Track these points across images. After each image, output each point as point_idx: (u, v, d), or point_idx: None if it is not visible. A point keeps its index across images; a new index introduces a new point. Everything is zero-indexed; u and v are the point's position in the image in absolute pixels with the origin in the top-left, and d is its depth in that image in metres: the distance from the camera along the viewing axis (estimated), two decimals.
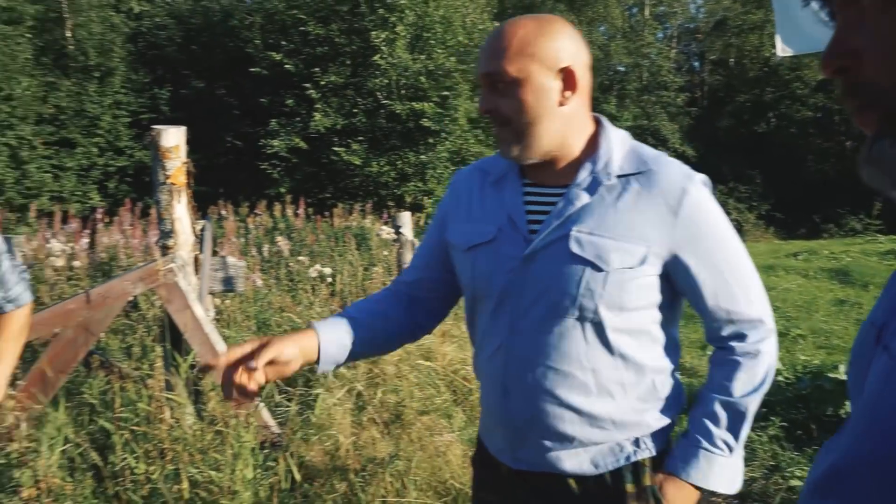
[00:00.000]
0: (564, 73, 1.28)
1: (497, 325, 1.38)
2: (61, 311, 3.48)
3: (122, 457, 3.03)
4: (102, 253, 6.85)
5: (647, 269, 1.29)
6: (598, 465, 1.37)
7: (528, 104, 1.28)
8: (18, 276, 1.84)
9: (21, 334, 1.92)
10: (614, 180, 1.30)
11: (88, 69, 17.56)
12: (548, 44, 1.27)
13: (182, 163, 3.50)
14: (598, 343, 1.31)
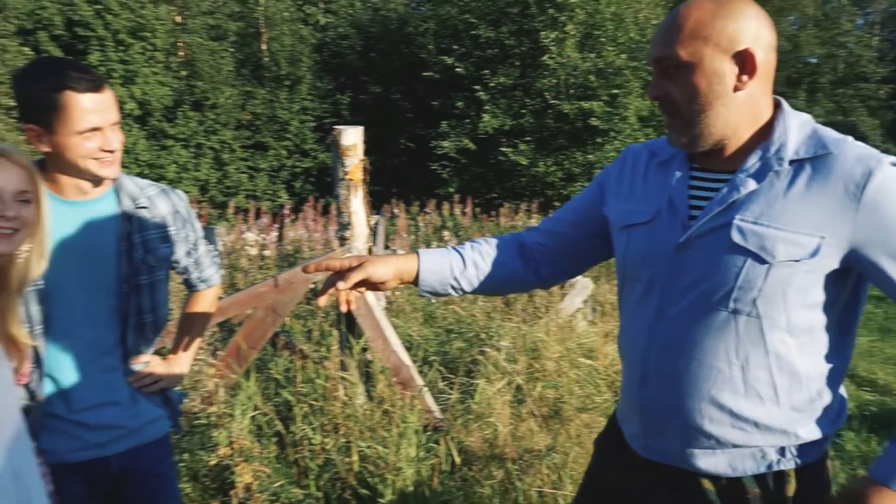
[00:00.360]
0: (742, 56, 1.19)
1: (644, 309, 1.32)
2: (253, 293, 3.87)
3: (301, 427, 3.33)
4: (289, 245, 7.49)
5: (819, 262, 1.17)
6: (736, 469, 1.28)
7: (699, 90, 1.21)
8: (211, 260, 2.04)
9: (209, 310, 2.12)
10: (786, 166, 1.20)
11: (280, 78, 19.15)
12: (724, 25, 1.18)
13: (359, 160, 3.76)
14: (752, 340, 1.21)
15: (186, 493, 3.22)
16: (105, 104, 1.60)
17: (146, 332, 1.80)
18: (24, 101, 1.60)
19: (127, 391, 1.76)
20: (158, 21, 17.04)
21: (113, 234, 1.70)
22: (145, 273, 1.75)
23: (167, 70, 17.66)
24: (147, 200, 1.79)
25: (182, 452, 3.30)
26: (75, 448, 1.69)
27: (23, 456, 1.49)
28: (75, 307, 1.67)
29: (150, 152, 16.62)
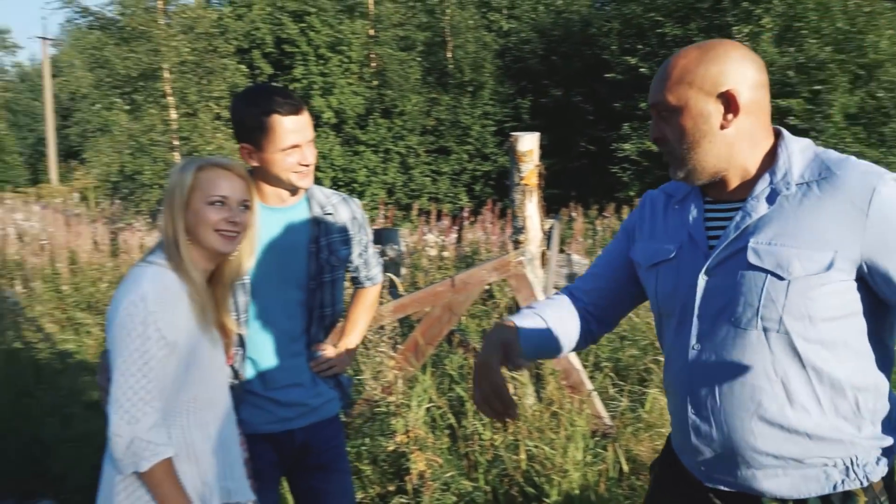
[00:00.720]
0: (726, 96, 1.29)
1: (681, 340, 1.38)
2: (431, 292, 4.08)
3: (472, 423, 3.47)
4: (467, 246, 7.73)
5: (836, 275, 1.22)
6: (801, 491, 1.29)
7: (687, 130, 1.32)
8: (377, 260, 2.25)
9: (372, 306, 2.33)
10: (794, 189, 1.28)
11: (463, 85, 19.74)
12: (707, 69, 1.29)
13: (534, 165, 3.84)
14: (787, 355, 1.26)
15: (367, 475, 3.47)
16: (303, 124, 1.84)
17: (326, 323, 2.03)
18: (238, 124, 1.87)
19: (309, 374, 2.00)
20: (354, 35, 18.28)
21: (304, 236, 1.94)
22: (328, 272, 1.98)
23: (360, 80, 18.88)
24: (332, 208, 2.01)
25: (364, 437, 3.58)
26: (268, 421, 1.94)
27: (229, 427, 1.74)
28: (271, 300, 1.92)
29: (344, 157, 17.87)
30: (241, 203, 1.67)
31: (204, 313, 1.65)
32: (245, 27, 17.51)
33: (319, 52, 17.92)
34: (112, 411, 1.51)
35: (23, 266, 7.36)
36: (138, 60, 11.34)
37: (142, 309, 1.53)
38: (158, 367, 1.54)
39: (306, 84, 17.73)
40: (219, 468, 1.66)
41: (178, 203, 1.62)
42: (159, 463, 1.52)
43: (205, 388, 1.66)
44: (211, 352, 1.69)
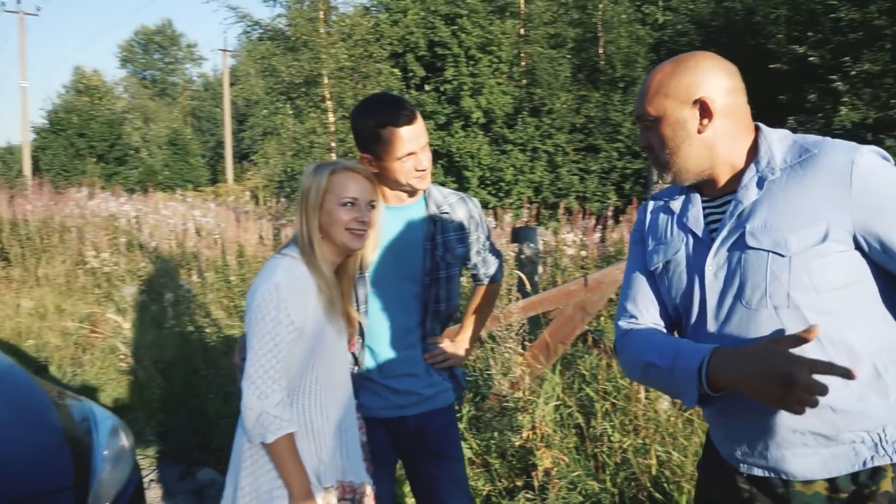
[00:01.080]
0: (699, 103, 1.40)
1: (702, 333, 1.43)
2: (565, 291, 4.08)
3: (601, 424, 3.44)
4: (610, 246, 7.59)
5: (833, 245, 1.29)
6: (830, 470, 1.33)
7: (667, 137, 1.43)
8: (496, 258, 2.30)
9: (490, 303, 2.37)
10: (778, 173, 1.37)
11: (615, 81, 19.28)
12: (679, 80, 1.41)
13: None
14: (799, 329, 1.29)
15: (495, 468, 3.55)
16: (417, 132, 1.93)
17: (441, 317, 2.11)
18: (357, 135, 1.99)
19: (423, 365, 2.09)
20: (504, 35, 18.41)
21: (421, 234, 2.04)
22: (443, 268, 2.06)
23: (510, 80, 18.98)
24: (449, 207, 2.09)
25: (493, 431, 3.65)
26: (383, 406, 2.05)
27: (348, 411, 1.87)
28: (389, 293, 2.03)
29: (492, 157, 18.05)
30: (369, 203, 1.82)
31: (332, 303, 1.79)
32: (400, 32, 18.17)
33: (470, 53, 18.21)
34: (245, 386, 1.68)
35: (198, 258, 8.16)
36: (301, 68, 12.16)
37: (275, 296, 1.69)
38: (287, 349, 1.70)
39: (456, 85, 18.09)
40: (335, 447, 1.80)
41: (313, 204, 1.78)
42: (282, 437, 1.67)
43: (327, 371, 1.81)
44: (335, 339, 1.83)
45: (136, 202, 12.59)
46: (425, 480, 2.15)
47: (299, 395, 1.77)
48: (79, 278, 8.11)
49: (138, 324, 6.10)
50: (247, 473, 1.74)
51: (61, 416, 2.21)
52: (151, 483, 3.96)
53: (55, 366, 5.72)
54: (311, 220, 1.78)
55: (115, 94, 41.69)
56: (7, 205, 10.22)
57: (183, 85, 54.41)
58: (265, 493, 1.70)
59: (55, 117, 31.72)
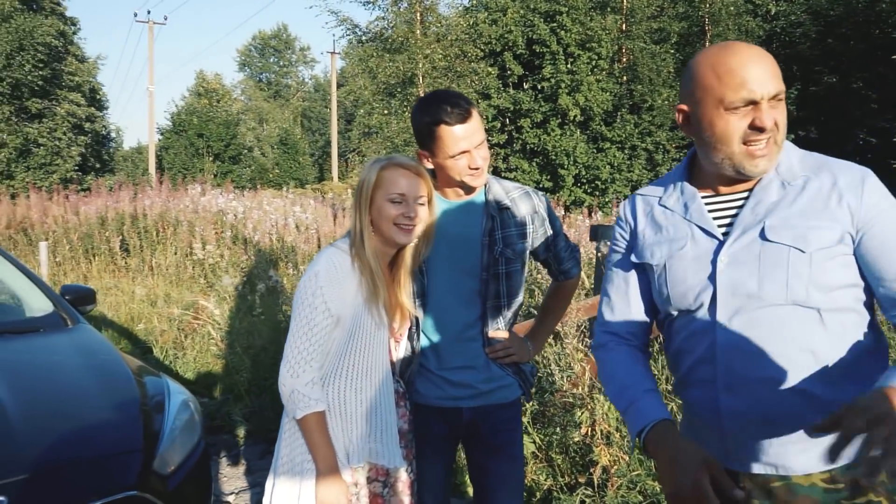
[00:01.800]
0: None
1: (704, 327, 1.42)
2: None
3: None
4: None
5: (843, 248, 1.35)
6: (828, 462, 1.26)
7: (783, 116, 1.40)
8: (570, 254, 2.23)
9: (566, 300, 2.34)
10: (800, 180, 1.40)
11: None
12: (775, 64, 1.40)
13: None
14: (813, 325, 1.34)
15: (558, 464, 3.58)
16: (471, 130, 1.92)
17: (503, 312, 2.08)
18: (415, 132, 2.02)
19: (483, 359, 2.06)
20: (604, 31, 18.11)
21: (478, 229, 2.03)
22: (502, 264, 2.04)
23: (609, 76, 18.65)
24: (510, 202, 2.07)
25: (556, 426, 3.68)
26: (438, 396, 2.07)
27: (384, 396, 1.94)
28: (447, 287, 2.04)
29: (588, 154, 17.80)
30: (418, 199, 1.88)
31: (375, 294, 1.87)
32: (498, 30, 18.24)
33: (569, 50, 18.04)
34: (281, 365, 1.82)
35: (295, 251, 8.58)
36: (397, 69, 12.47)
37: (313, 283, 1.81)
38: (322, 333, 1.81)
39: (554, 83, 17.97)
40: (367, 430, 1.89)
41: (364, 198, 1.87)
42: (311, 414, 1.79)
43: (363, 358, 1.90)
44: (374, 327, 1.90)
45: (244, 198, 13.32)
46: (479, 473, 2.16)
47: (335, 378, 1.87)
48: (187, 269, 8.71)
49: (234, 312, 6.50)
50: (285, 444, 1.88)
51: (139, 388, 2.46)
52: (235, 459, 4.25)
53: (159, 348, 6.20)
54: (362, 214, 1.86)
55: (233, 97, 44.07)
56: (129, 201, 11.10)
57: (295, 87, 56.78)
58: (298, 464, 1.83)
59: (178, 119, 33.96)
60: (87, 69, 30.83)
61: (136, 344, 6.47)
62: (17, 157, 25.81)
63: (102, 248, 9.40)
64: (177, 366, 5.87)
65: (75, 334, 2.85)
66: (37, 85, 26.10)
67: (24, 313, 3.09)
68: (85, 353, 2.66)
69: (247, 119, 43.47)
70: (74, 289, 3.30)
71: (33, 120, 26.71)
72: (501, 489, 2.13)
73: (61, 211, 11.05)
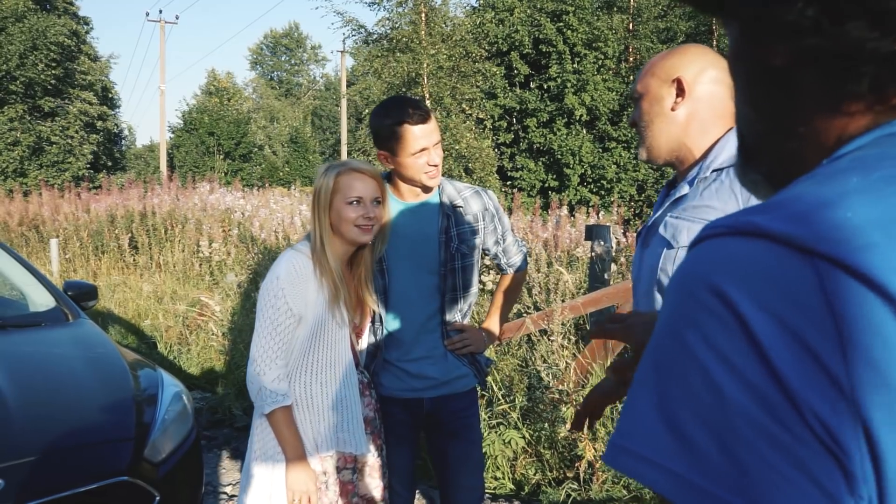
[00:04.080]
0: (676, 81, 1.47)
1: (635, 306, 1.56)
2: (624, 288, 4.12)
3: None
4: None
5: None
6: None
7: (643, 111, 1.52)
8: (518, 248, 2.39)
9: (514, 291, 2.47)
10: (709, 174, 1.45)
11: None
12: (665, 62, 1.50)
13: None
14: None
15: (546, 459, 3.67)
16: (429, 130, 2.07)
17: (459, 305, 2.23)
18: (375, 134, 2.15)
19: (441, 351, 2.20)
20: (611, 31, 18.14)
21: (436, 227, 2.17)
22: (458, 259, 2.19)
23: (616, 76, 18.67)
24: (462, 201, 2.21)
25: (544, 422, 3.77)
26: (400, 388, 2.20)
27: (348, 388, 2.05)
28: (407, 283, 2.17)
29: (594, 154, 17.84)
30: (374, 200, 1.99)
31: (336, 295, 1.97)
32: (505, 30, 18.31)
33: (575, 49, 18.08)
34: (248, 364, 1.93)
35: None
36: (401, 69, 12.57)
37: (275, 286, 1.91)
38: (285, 332, 1.92)
39: (560, 83, 18.02)
40: (334, 420, 2.00)
41: (323, 203, 1.96)
42: (278, 409, 1.90)
43: (327, 353, 2.01)
44: (336, 325, 2.01)
45: (252, 197, 13.46)
46: (440, 457, 2.31)
47: (301, 373, 1.98)
48: (194, 266, 8.85)
49: (238, 309, 6.62)
50: (258, 438, 1.99)
51: (133, 380, 2.58)
52: (235, 451, 4.37)
53: (164, 344, 6.34)
54: (321, 218, 1.96)
55: (244, 95, 44.34)
56: (139, 198, 11.26)
57: (306, 85, 57.00)
58: (270, 456, 1.95)
59: (189, 117, 34.22)
60: (99, 68, 31.13)
61: (142, 339, 6.61)
62: (30, 155, 26.10)
63: (112, 245, 9.55)
64: (181, 361, 6.00)
65: (75, 328, 2.98)
66: (49, 84, 26.39)
67: (28, 308, 3.22)
68: (83, 346, 2.79)
69: (257, 118, 43.71)
70: (77, 285, 3.43)
71: (46, 118, 27.00)
72: (462, 470, 2.28)
73: (72, 208, 11.23)
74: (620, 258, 5.75)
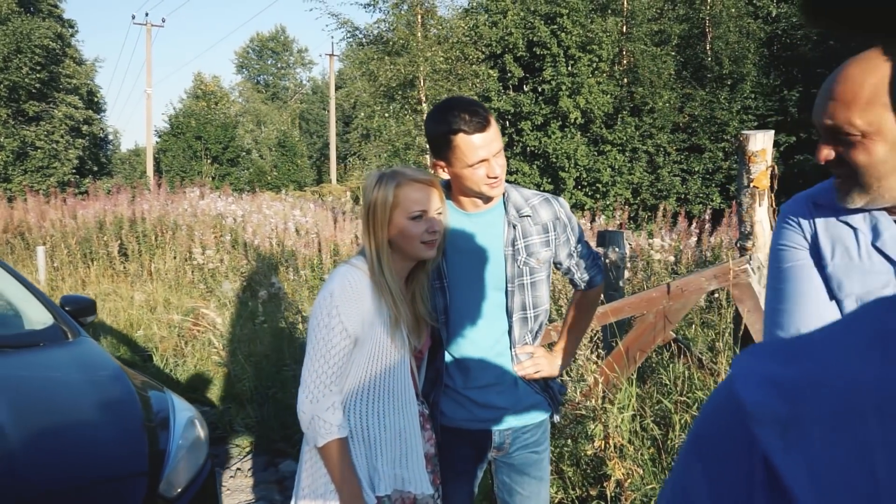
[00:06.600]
0: None
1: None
2: (646, 297, 3.96)
3: (679, 436, 3.31)
4: (707, 250, 7.29)
5: None
6: None
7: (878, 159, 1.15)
8: (593, 262, 2.15)
9: (590, 309, 2.23)
10: None
11: (722, 78, 18.50)
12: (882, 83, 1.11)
13: (766, 167, 3.54)
14: None
15: (569, 477, 3.49)
16: (489, 139, 1.84)
17: (530, 325, 2.00)
18: (431, 141, 1.93)
19: (511, 377, 1.97)
20: (605, 33, 18.06)
21: (500, 240, 1.95)
22: (527, 274, 1.96)
23: (610, 79, 18.59)
24: (530, 209, 1.98)
25: (567, 438, 3.60)
26: (466, 418, 1.97)
27: (407, 419, 1.84)
28: (471, 300, 1.95)
29: (588, 157, 17.74)
30: (436, 211, 1.80)
31: (398, 315, 1.78)
32: (499, 33, 18.18)
33: (569, 52, 17.98)
34: (300, 391, 1.73)
35: (296, 256, 8.48)
36: (398, 71, 12.39)
37: (329, 303, 1.72)
38: (339, 355, 1.72)
39: (554, 85, 17.92)
40: (392, 455, 1.79)
41: (381, 220, 1.77)
42: (333, 441, 1.70)
43: (386, 379, 1.80)
44: (395, 348, 1.81)
45: (243, 202, 13.24)
46: (505, 493, 2.09)
47: (356, 402, 1.78)
48: (187, 274, 8.62)
49: (235, 319, 6.41)
50: (306, 473, 1.78)
51: (142, 405, 2.37)
52: (237, 471, 4.16)
53: (159, 356, 6.11)
54: (379, 235, 1.77)
55: (231, 99, 43.96)
56: (128, 204, 11.00)
57: (293, 89, 56.65)
58: (321, 495, 1.74)
59: (175, 121, 33.83)
60: (84, 72, 30.71)
61: (135, 351, 6.38)
62: (14, 160, 25.67)
63: (100, 252, 9.29)
64: (177, 374, 5.78)
65: (76, 348, 2.76)
66: (34, 87, 25.98)
67: (24, 326, 3.00)
68: (86, 368, 2.57)
69: (245, 121, 43.34)
70: (74, 299, 3.21)
71: (31, 123, 26.59)
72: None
73: (59, 215, 10.95)
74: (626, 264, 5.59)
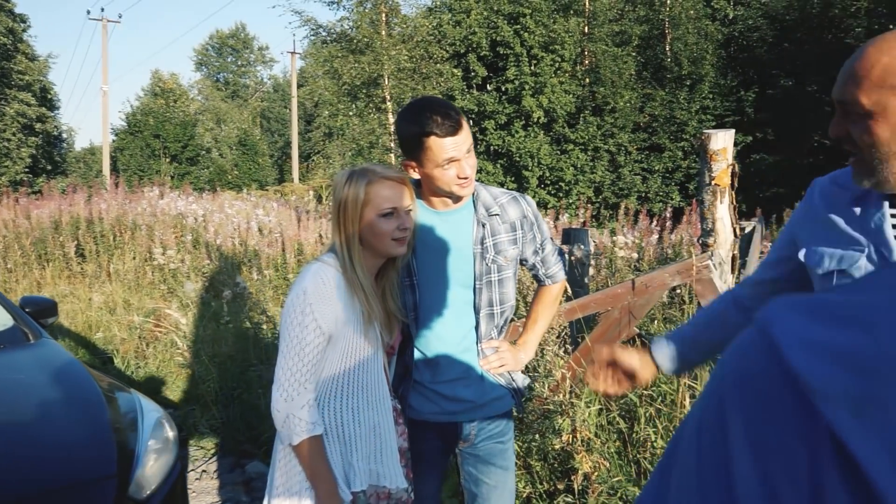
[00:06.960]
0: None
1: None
2: (612, 293, 4.02)
3: (645, 429, 3.38)
4: (668, 248, 7.42)
5: None
6: None
7: (881, 139, 1.15)
8: (556, 259, 2.21)
9: (552, 305, 2.29)
10: None
11: (681, 78, 18.83)
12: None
13: (727, 165, 3.62)
14: None
15: (537, 471, 3.54)
16: (459, 141, 1.86)
17: (496, 321, 2.05)
18: (401, 141, 1.94)
19: (477, 371, 2.02)
20: (567, 33, 18.23)
21: (469, 238, 1.98)
22: (495, 271, 2.00)
23: (572, 79, 18.78)
24: (499, 208, 2.02)
25: (535, 433, 3.64)
26: (433, 412, 2.01)
27: (382, 414, 1.85)
28: (440, 298, 1.98)
29: (552, 156, 17.90)
30: (406, 209, 1.81)
31: (370, 312, 1.79)
32: (462, 32, 18.22)
33: (532, 52, 18.11)
34: (274, 389, 1.72)
35: (259, 256, 8.39)
36: (362, 70, 12.34)
37: (302, 300, 1.71)
38: (314, 352, 1.71)
39: (517, 85, 18.03)
40: (367, 451, 1.80)
41: (351, 216, 1.77)
42: (309, 438, 1.70)
43: (359, 375, 1.81)
44: (369, 344, 1.82)
45: (203, 201, 13.04)
46: (472, 483, 2.14)
47: (330, 398, 1.78)
48: (147, 274, 8.46)
49: (198, 319, 6.32)
50: (280, 472, 1.77)
51: (110, 407, 2.33)
52: (203, 473, 4.11)
53: (120, 358, 5.99)
54: (349, 232, 1.78)
55: (190, 97, 43.21)
56: (84, 203, 10.75)
57: (254, 87, 55.93)
58: (296, 493, 1.74)
59: (133, 119, 33.14)
60: (37, 68, 29.89)
61: (95, 353, 6.24)
62: None
63: (56, 253, 9.06)
64: (139, 376, 5.68)
65: (38, 350, 2.70)
66: None
67: None
68: (50, 370, 2.52)
69: (204, 119, 42.63)
70: (35, 300, 3.13)
71: None
72: (493, 498, 2.12)
73: (11, 215, 10.65)
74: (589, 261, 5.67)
